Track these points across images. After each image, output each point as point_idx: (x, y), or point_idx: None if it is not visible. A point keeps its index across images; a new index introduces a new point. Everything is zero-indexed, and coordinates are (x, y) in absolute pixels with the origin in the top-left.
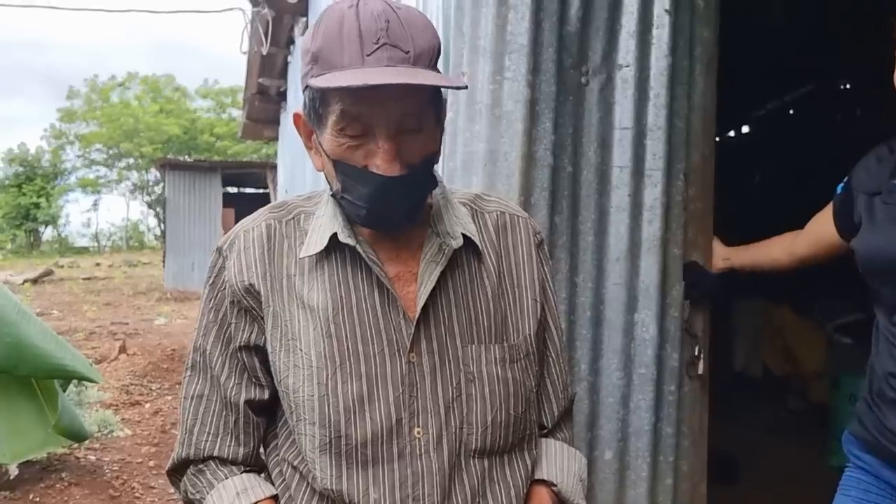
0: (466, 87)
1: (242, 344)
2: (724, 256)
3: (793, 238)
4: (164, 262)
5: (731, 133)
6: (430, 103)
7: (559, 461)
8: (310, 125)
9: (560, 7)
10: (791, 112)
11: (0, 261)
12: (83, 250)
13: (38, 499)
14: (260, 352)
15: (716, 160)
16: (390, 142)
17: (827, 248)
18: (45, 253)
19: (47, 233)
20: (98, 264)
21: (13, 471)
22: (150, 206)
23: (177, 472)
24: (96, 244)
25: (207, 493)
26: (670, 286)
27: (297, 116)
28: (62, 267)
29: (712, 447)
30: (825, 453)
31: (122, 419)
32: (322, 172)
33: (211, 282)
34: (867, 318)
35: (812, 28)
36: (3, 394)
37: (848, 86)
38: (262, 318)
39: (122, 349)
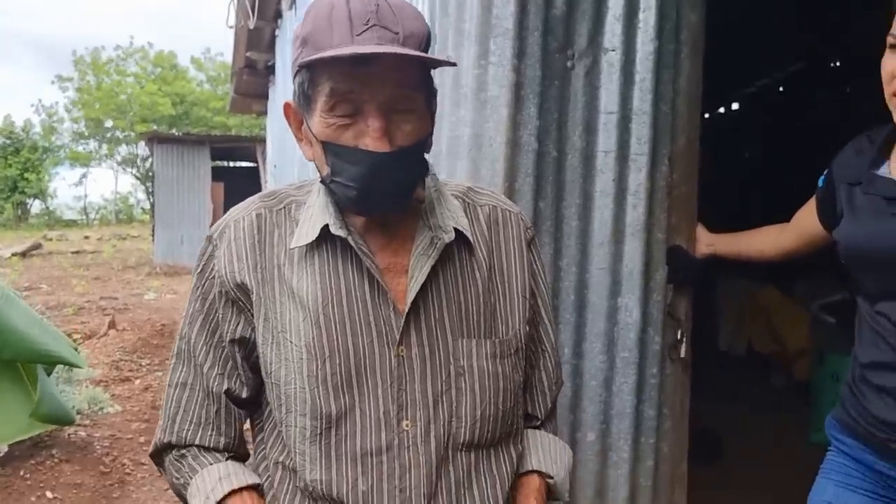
0: (455, 64)
1: (228, 336)
2: (707, 243)
3: (779, 231)
4: (153, 236)
5: (721, 110)
6: (420, 84)
7: (553, 454)
8: (299, 112)
9: None
10: (780, 90)
11: None
12: (72, 223)
13: (28, 476)
14: (244, 346)
15: (703, 137)
16: (380, 119)
17: (812, 240)
18: (34, 226)
19: (35, 206)
20: (87, 237)
21: (3, 449)
22: (139, 179)
23: (159, 456)
24: (85, 217)
25: (191, 478)
26: (654, 270)
27: (286, 106)
28: (51, 240)
29: (695, 425)
30: (807, 429)
31: (112, 395)
32: (312, 162)
33: (199, 270)
34: (851, 298)
35: (803, 7)
36: None
37: (838, 63)
38: (251, 312)
39: (112, 324)
